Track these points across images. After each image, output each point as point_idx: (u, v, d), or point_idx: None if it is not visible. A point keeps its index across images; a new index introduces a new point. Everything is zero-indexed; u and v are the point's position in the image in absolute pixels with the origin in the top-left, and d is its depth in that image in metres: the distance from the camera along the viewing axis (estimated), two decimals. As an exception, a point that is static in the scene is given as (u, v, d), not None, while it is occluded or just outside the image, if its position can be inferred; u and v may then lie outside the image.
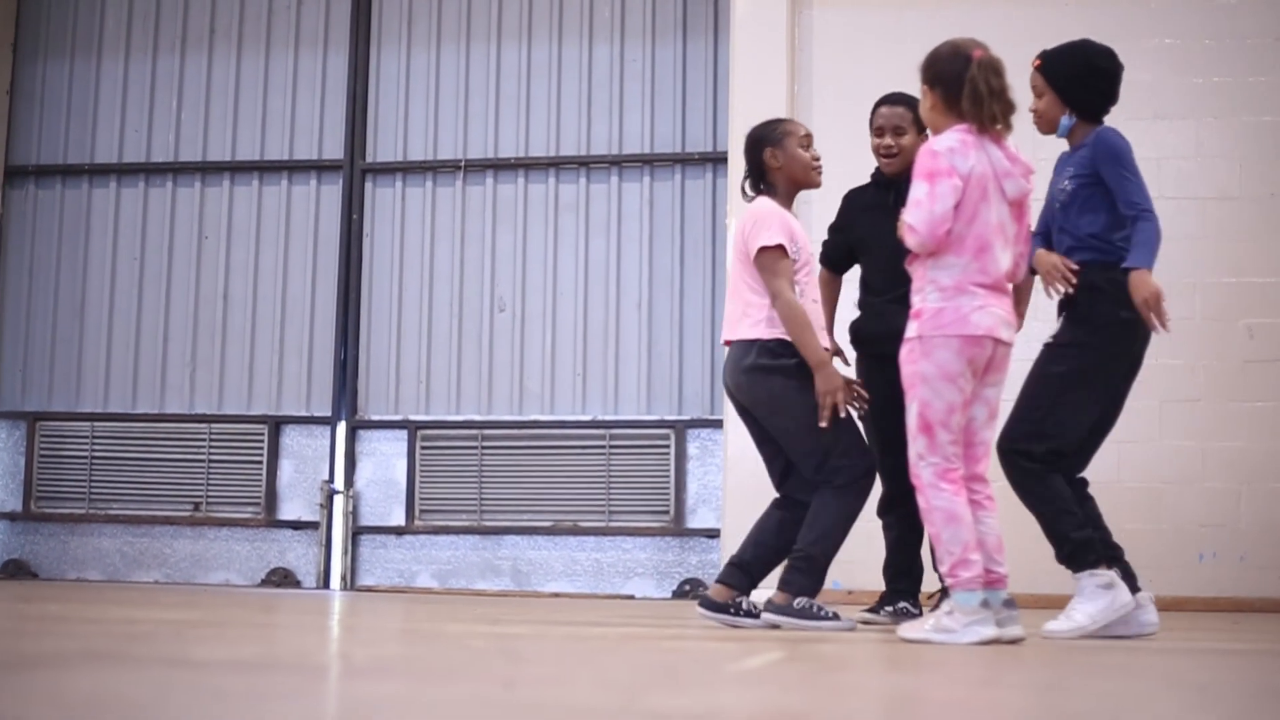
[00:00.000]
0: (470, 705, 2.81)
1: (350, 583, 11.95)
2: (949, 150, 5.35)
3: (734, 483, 10.82)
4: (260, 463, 12.12)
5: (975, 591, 5.23)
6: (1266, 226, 10.69)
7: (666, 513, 11.52)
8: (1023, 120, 6.07)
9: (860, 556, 10.67)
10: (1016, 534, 5.88)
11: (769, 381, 6.34)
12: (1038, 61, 6.70)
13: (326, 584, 11.95)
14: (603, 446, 11.67)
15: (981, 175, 5.34)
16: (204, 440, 12.20)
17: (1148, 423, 10.36)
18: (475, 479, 11.84)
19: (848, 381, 6.27)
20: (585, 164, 12.05)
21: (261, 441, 12.14)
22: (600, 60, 12.15)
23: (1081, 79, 6.56)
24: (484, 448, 11.87)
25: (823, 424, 6.18)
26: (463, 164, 12.20)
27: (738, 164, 11.14)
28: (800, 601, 6.28)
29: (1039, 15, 11.02)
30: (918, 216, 5.29)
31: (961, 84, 5.47)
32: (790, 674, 3.94)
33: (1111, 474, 10.42)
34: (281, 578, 11.98)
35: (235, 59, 12.65)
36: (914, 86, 11.28)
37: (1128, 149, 6.36)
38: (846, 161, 11.11)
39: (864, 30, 11.23)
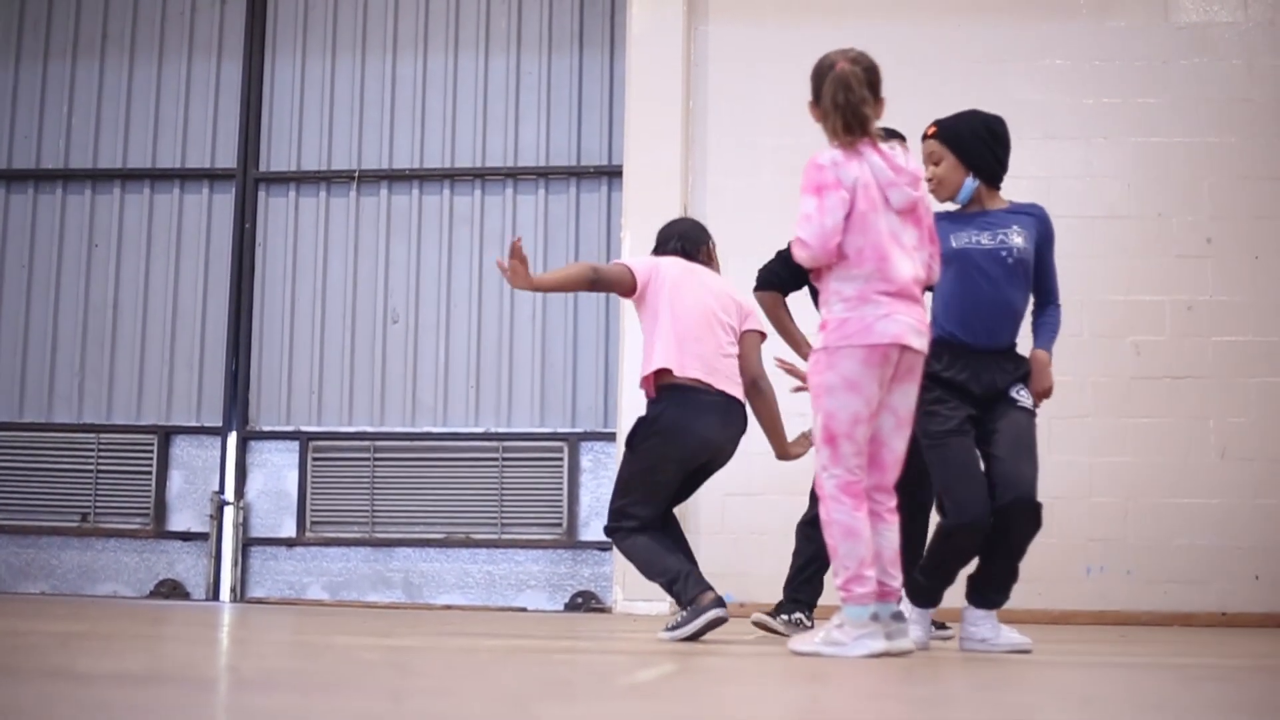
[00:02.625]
0: (359, 718, 2.80)
1: (240, 595, 11.86)
2: (833, 163, 5.36)
3: (627, 496, 10.83)
4: (149, 473, 12.01)
5: (867, 606, 5.25)
6: (1154, 245, 10.83)
7: (559, 525, 11.52)
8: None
9: (753, 568, 10.75)
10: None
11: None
12: (932, 129, 6.64)
13: (216, 596, 11.86)
14: (496, 459, 11.66)
15: (866, 185, 5.35)
16: (92, 450, 12.08)
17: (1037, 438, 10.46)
18: (367, 490, 11.79)
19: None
20: (480, 176, 12.03)
21: (151, 452, 12.03)
22: (496, 72, 12.14)
23: (983, 141, 6.53)
24: (376, 459, 11.82)
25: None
26: (357, 174, 12.16)
27: (633, 177, 11.21)
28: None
29: (931, 34, 11.13)
30: (809, 230, 5.27)
31: (820, 97, 5.53)
32: (681, 687, 3.95)
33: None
34: (170, 589, 11.87)
35: (128, 65, 12.53)
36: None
37: None
38: (740, 177, 11.22)
39: (760, 45, 11.29)
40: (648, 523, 6.59)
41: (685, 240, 7.12)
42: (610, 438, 11.35)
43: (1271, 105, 10.91)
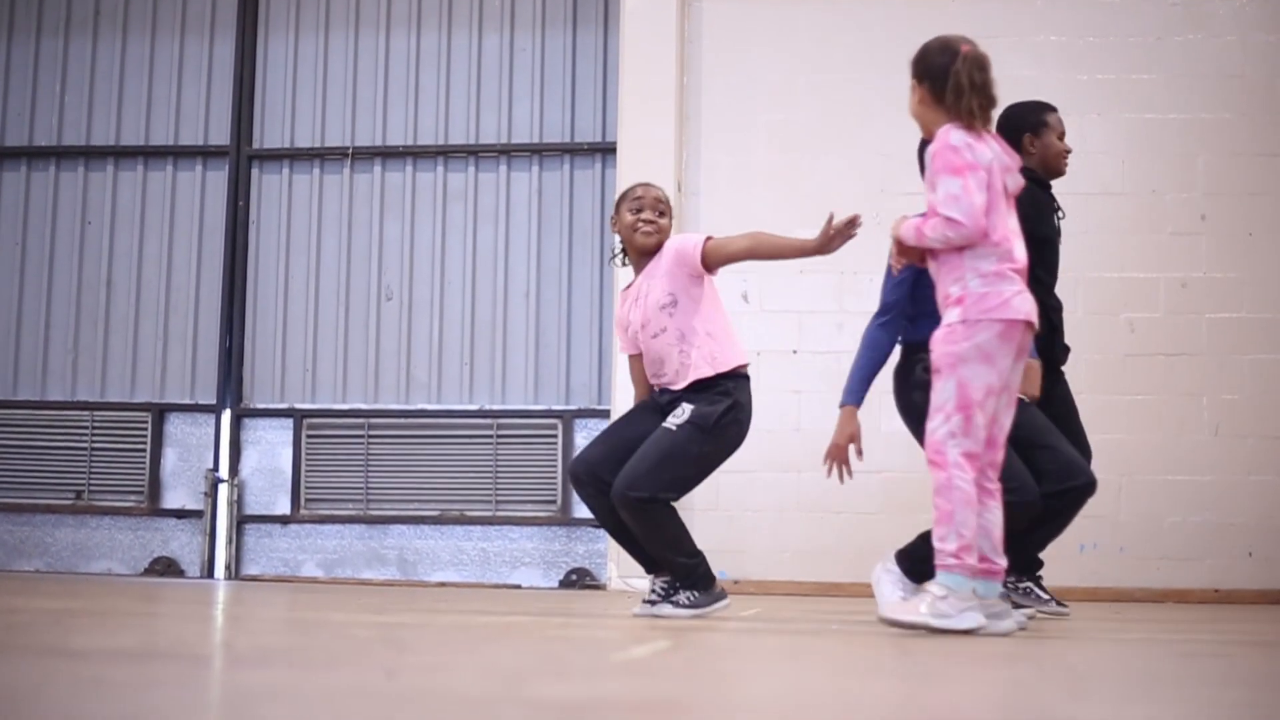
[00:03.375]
0: (352, 694, 2.81)
1: (235, 572, 11.87)
2: (966, 145, 5.31)
3: (621, 473, 10.84)
4: (144, 451, 12.00)
5: (970, 579, 5.19)
6: (1148, 222, 10.83)
7: (553, 502, 11.52)
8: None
9: (748, 546, 10.77)
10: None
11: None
12: None
13: (210, 573, 11.86)
14: (490, 436, 11.65)
15: (989, 167, 5.33)
16: (86, 428, 12.07)
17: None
18: (361, 468, 11.79)
19: None
20: (474, 153, 12.02)
21: (145, 429, 12.02)
22: (490, 49, 12.12)
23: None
24: (370, 437, 11.81)
25: None
26: (350, 151, 12.14)
27: (627, 154, 11.20)
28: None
29: (925, 10, 11.10)
30: (960, 209, 5.21)
31: (947, 78, 5.42)
32: (674, 663, 3.96)
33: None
34: (165, 567, 11.87)
35: (120, 42, 12.50)
36: (804, 81, 11.40)
37: None
38: (734, 153, 11.22)
39: (754, 23, 11.28)
40: (677, 499, 6.63)
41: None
42: (604, 415, 11.34)
43: (1265, 81, 10.90)
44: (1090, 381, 10.69)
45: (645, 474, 6.49)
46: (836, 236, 6.63)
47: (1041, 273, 7.16)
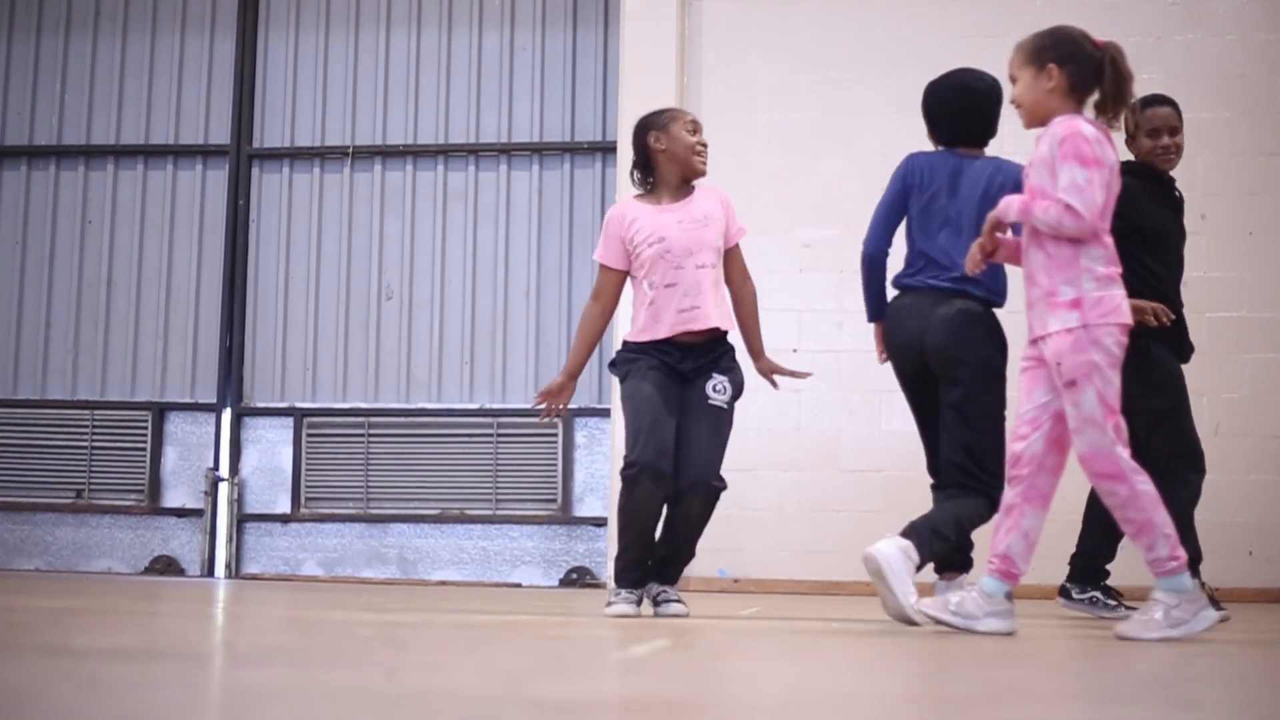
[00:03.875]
0: (352, 693, 2.81)
1: (235, 571, 11.87)
2: (1097, 139, 5.22)
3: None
4: (144, 450, 12.00)
5: (1188, 576, 5.13)
6: (1148, 221, 10.82)
7: (554, 501, 11.53)
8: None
9: (747, 544, 10.77)
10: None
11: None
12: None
13: (211, 572, 11.87)
14: (490, 435, 11.66)
15: (1112, 168, 5.25)
16: (86, 426, 12.07)
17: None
18: (362, 467, 11.80)
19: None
20: (474, 152, 12.02)
21: (145, 428, 12.02)
22: (490, 48, 12.12)
23: (946, 107, 6.79)
24: (370, 436, 11.82)
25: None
26: (350, 150, 12.14)
27: (627, 153, 11.18)
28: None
29: (927, 10, 11.11)
30: (1084, 201, 5.12)
31: (1100, 68, 5.30)
32: (675, 662, 3.96)
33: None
34: (165, 566, 11.87)
35: (120, 41, 12.50)
36: (804, 81, 11.38)
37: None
38: (735, 153, 11.21)
39: (753, 23, 11.28)
40: None
41: (635, 163, 6.97)
42: (605, 414, 11.35)
43: (1265, 81, 10.90)
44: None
45: (719, 460, 6.41)
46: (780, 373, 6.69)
47: (1152, 263, 7.16)
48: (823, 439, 10.76)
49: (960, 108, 6.75)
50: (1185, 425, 7.15)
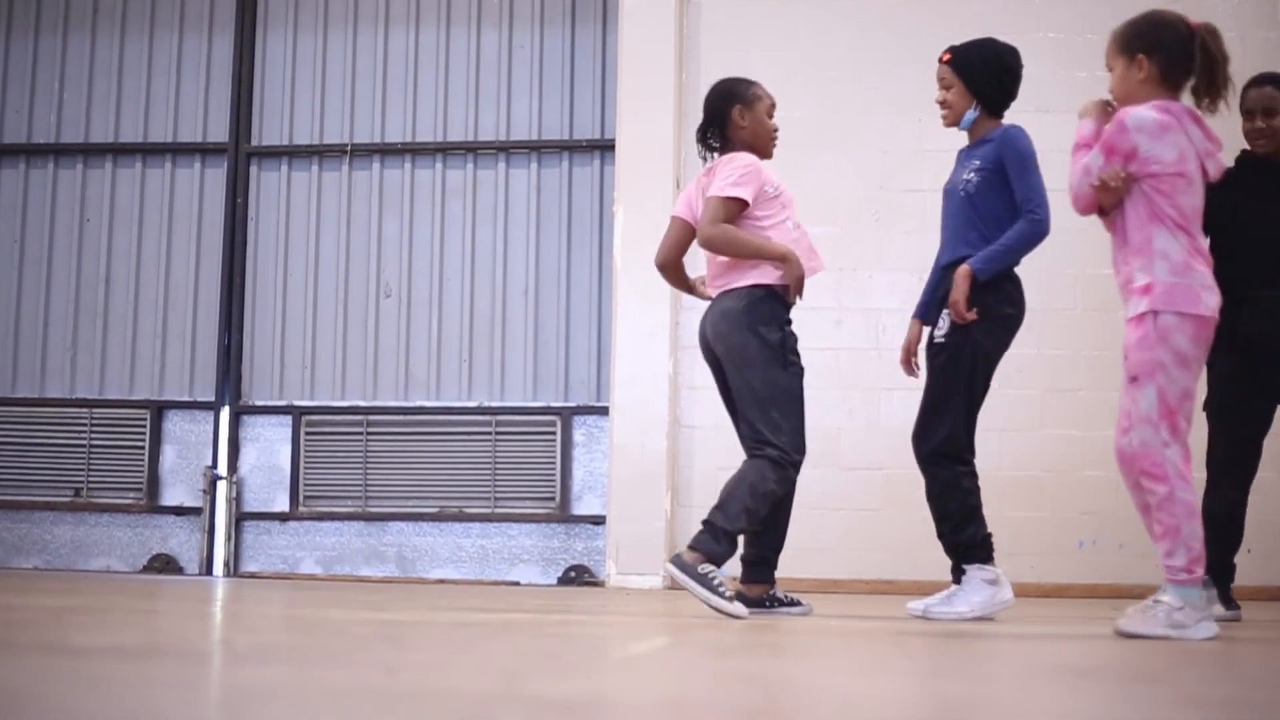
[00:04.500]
0: (351, 692, 2.81)
1: (233, 569, 11.87)
2: (1139, 130, 5.23)
3: (619, 470, 10.87)
4: (142, 448, 12.00)
5: (1200, 589, 5.15)
6: (1146, 219, 10.82)
7: (552, 499, 11.52)
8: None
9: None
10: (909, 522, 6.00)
11: (746, 340, 6.59)
12: (947, 56, 6.84)
13: (209, 570, 11.86)
14: (489, 433, 11.65)
15: (1180, 159, 5.22)
16: (85, 425, 12.07)
17: (1029, 412, 10.52)
18: (360, 465, 11.79)
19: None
20: (473, 150, 12.01)
21: (144, 426, 12.02)
22: (489, 46, 12.11)
23: (990, 72, 6.76)
24: (369, 434, 11.81)
25: (797, 297, 6.67)
26: (349, 148, 12.13)
27: (626, 151, 11.20)
28: (707, 569, 6.28)
29: (924, 6, 11.10)
30: (1073, 184, 5.43)
31: (1189, 52, 5.30)
32: (675, 660, 3.96)
33: (994, 462, 10.53)
34: (164, 564, 11.87)
35: (119, 39, 12.49)
36: (802, 78, 11.38)
37: (1032, 149, 6.57)
38: (734, 150, 11.20)
39: (752, 20, 11.28)
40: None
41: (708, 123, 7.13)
42: (603, 412, 11.35)
43: (1264, 78, 10.89)
44: (1089, 378, 10.70)
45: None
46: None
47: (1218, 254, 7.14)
48: (822, 437, 10.74)
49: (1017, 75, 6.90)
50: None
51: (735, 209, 6.63)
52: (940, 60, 6.87)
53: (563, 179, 11.88)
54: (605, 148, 11.67)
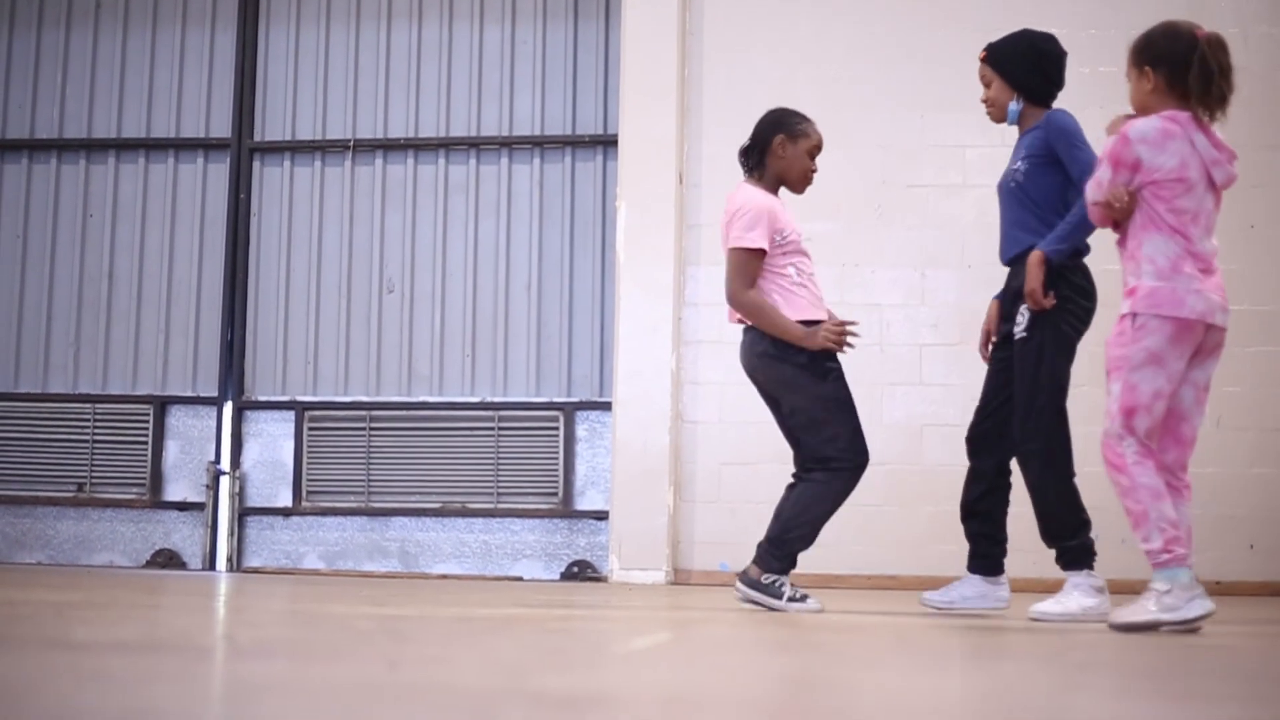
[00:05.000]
0: (354, 686, 2.81)
1: (236, 564, 11.87)
2: (1141, 141, 5.35)
3: (622, 465, 10.87)
4: (145, 443, 12.00)
5: (1186, 568, 5.19)
6: (1149, 214, 10.82)
7: (555, 495, 11.52)
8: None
9: (750, 538, 10.76)
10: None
11: (780, 368, 6.77)
12: (984, 54, 6.90)
13: (212, 565, 11.87)
14: (491, 428, 11.66)
15: (1182, 165, 5.33)
16: (88, 420, 12.07)
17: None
18: (363, 460, 11.79)
19: (837, 322, 6.71)
20: (475, 145, 12.01)
21: (147, 422, 12.02)
22: (491, 42, 12.11)
23: (1027, 63, 6.81)
24: (372, 429, 11.82)
25: (846, 348, 6.73)
26: (352, 144, 12.13)
27: (628, 146, 11.20)
28: (770, 578, 6.65)
29: (926, 6, 11.10)
30: (1087, 192, 5.50)
31: (1189, 63, 5.38)
32: (678, 656, 3.96)
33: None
34: (167, 559, 11.88)
35: (121, 35, 12.49)
36: (804, 74, 11.38)
37: (1078, 126, 6.60)
38: (735, 146, 11.17)
39: (754, 16, 11.27)
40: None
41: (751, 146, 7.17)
42: (606, 407, 11.35)
43: (1267, 74, 10.89)
44: (1092, 374, 10.66)
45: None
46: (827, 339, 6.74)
47: None
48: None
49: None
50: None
51: (757, 261, 6.75)
52: (980, 59, 6.91)
53: (565, 174, 11.88)
54: (608, 143, 11.68)
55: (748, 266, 6.74)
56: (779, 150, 6.95)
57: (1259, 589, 10.38)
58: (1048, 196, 6.59)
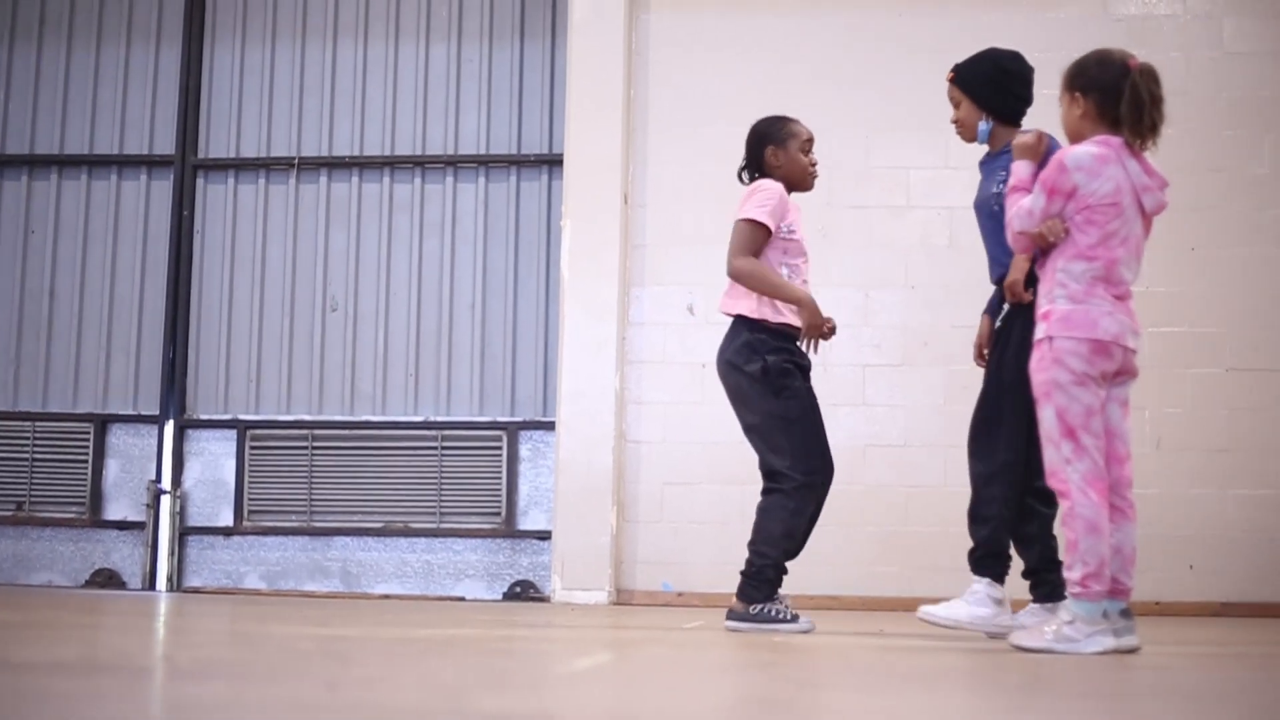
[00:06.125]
0: (293, 707, 2.80)
1: (177, 584, 11.80)
2: (1078, 169, 5.39)
3: (565, 485, 10.85)
4: (85, 462, 11.92)
5: (1099, 603, 5.23)
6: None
7: (498, 514, 11.50)
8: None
9: (692, 558, 10.77)
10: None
11: (736, 378, 6.84)
12: (951, 75, 6.95)
13: (153, 585, 11.79)
14: (434, 448, 11.63)
15: (1116, 191, 5.37)
16: (27, 438, 11.98)
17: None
18: (305, 479, 11.75)
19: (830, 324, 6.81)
20: (420, 164, 11.99)
21: (87, 440, 11.94)
22: (437, 61, 12.10)
23: (994, 83, 6.85)
24: (314, 448, 11.77)
25: (813, 353, 6.89)
26: (296, 162, 12.09)
27: (574, 166, 11.21)
28: (757, 608, 6.66)
29: (875, 24, 11.15)
30: (1016, 219, 5.53)
31: (1120, 91, 5.42)
32: (619, 676, 3.96)
33: (938, 478, 10.57)
34: (106, 579, 11.79)
35: (66, 50, 12.42)
36: (750, 94, 11.41)
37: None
38: (680, 165, 11.23)
39: (701, 36, 11.30)
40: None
41: (747, 165, 7.20)
42: (549, 427, 11.34)
43: (1208, 98, 10.98)
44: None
45: None
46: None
47: None
48: (767, 453, 10.77)
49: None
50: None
51: (762, 236, 6.78)
52: (947, 80, 6.96)
53: (510, 194, 11.87)
54: (553, 163, 11.67)
55: (752, 238, 6.76)
56: (773, 160, 7.02)
57: (1198, 609, 10.44)
58: None
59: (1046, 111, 10.23)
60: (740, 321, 6.88)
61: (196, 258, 12.09)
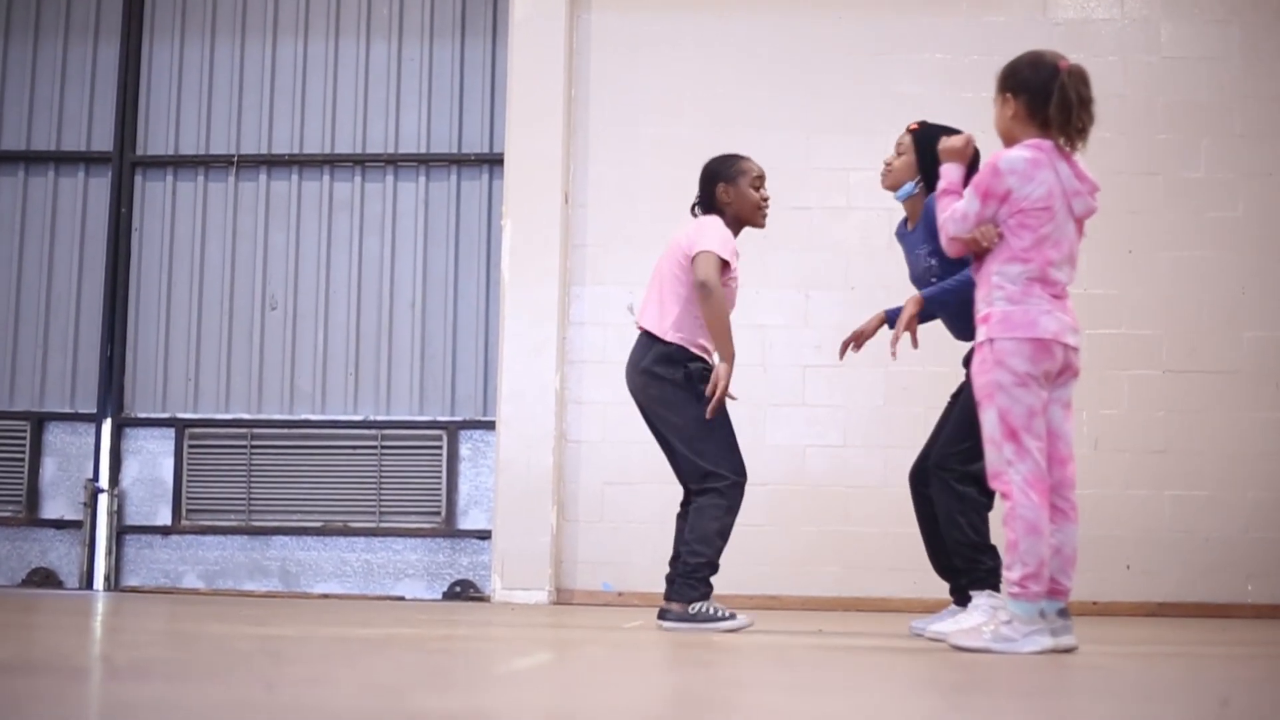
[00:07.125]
0: (231, 707, 2.79)
1: (114, 583, 11.73)
2: (1011, 172, 5.40)
3: (506, 484, 10.85)
4: (22, 460, 11.84)
5: (1036, 603, 5.25)
6: (1030, 238, 10.94)
7: (438, 514, 11.48)
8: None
9: (632, 558, 10.78)
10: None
11: (660, 386, 7.03)
12: (914, 126, 7.01)
13: (90, 585, 11.72)
14: (374, 447, 11.60)
15: (1049, 194, 5.39)
16: (-37, 436, 11.90)
17: (926, 431, 10.58)
18: (244, 478, 11.70)
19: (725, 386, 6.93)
20: (361, 162, 11.96)
21: (23, 438, 11.86)
22: (377, 59, 12.07)
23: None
24: (253, 447, 11.72)
25: (708, 414, 6.90)
26: (235, 159, 12.04)
27: (514, 166, 11.20)
28: (696, 607, 6.80)
29: (813, 27, 11.18)
30: (951, 223, 5.52)
31: (1049, 93, 5.44)
32: (559, 675, 3.96)
33: (878, 479, 10.62)
34: (43, 578, 11.72)
35: (2, 45, 12.32)
36: (691, 94, 11.43)
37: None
38: (621, 166, 11.24)
39: (642, 36, 11.31)
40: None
41: (700, 201, 7.35)
42: (489, 426, 11.32)
43: (1144, 101, 11.05)
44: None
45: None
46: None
47: None
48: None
49: None
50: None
51: (724, 271, 7.01)
52: (908, 129, 7.02)
53: (451, 193, 11.85)
54: (494, 162, 11.66)
55: (718, 269, 6.95)
56: (724, 197, 7.21)
57: (1135, 609, 10.52)
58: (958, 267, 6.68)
59: (987, 115, 10.32)
60: (654, 337, 7.08)
61: (135, 255, 12.02)
